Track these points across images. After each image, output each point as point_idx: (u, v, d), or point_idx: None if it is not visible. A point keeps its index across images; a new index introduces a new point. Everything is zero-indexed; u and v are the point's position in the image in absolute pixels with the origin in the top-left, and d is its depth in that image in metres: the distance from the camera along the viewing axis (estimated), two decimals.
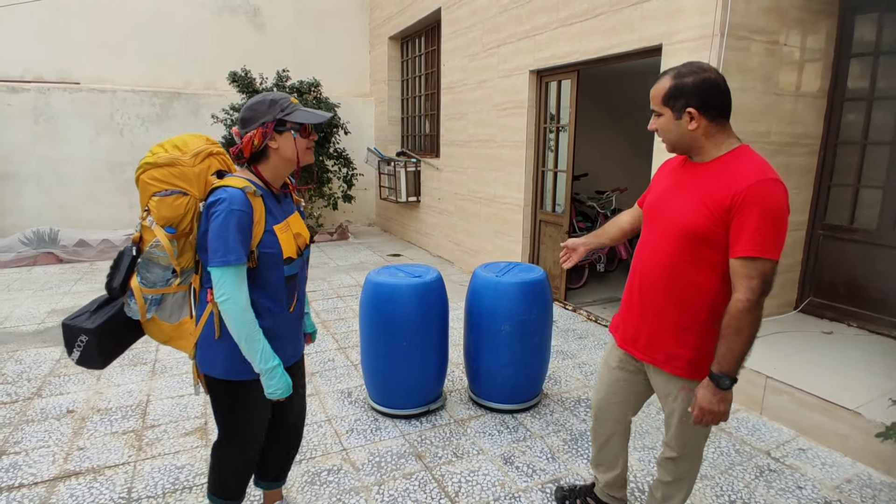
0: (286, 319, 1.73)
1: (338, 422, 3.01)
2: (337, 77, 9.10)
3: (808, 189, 3.93)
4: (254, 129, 1.60)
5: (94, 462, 2.62)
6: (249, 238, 1.55)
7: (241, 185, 1.55)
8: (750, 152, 1.57)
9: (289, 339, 1.77)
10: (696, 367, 1.66)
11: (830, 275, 3.90)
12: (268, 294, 1.66)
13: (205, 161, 1.63)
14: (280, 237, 1.64)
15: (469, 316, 3.08)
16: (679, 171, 1.70)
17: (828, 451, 2.74)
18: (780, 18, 3.46)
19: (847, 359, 3.23)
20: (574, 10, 4.41)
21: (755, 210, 1.44)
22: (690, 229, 1.55)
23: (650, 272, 1.70)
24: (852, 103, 3.75)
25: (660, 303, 1.68)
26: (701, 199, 1.55)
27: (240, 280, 1.55)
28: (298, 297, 1.79)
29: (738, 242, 1.48)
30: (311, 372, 3.65)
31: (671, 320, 1.66)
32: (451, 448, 2.76)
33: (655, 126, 1.64)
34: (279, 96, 1.64)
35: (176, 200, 1.57)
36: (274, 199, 1.68)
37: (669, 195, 1.68)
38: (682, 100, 1.55)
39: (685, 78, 1.54)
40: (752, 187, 1.45)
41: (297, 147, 1.64)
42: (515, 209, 5.45)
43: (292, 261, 1.68)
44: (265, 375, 1.61)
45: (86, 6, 7.57)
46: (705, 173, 1.58)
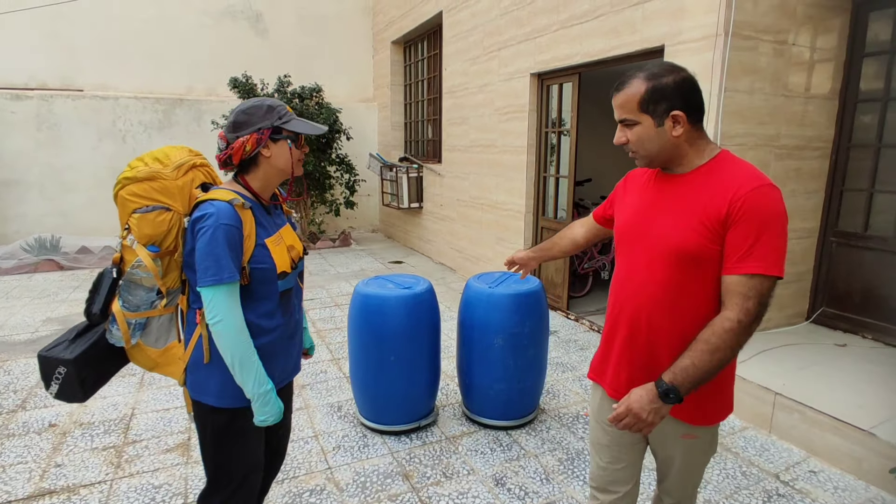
0: (281, 337, 1.63)
1: (325, 438, 2.90)
2: (340, 82, 9.05)
3: (820, 194, 3.76)
4: (247, 134, 1.51)
5: (69, 480, 2.53)
6: (240, 254, 1.46)
7: (229, 198, 1.46)
8: (735, 157, 1.40)
9: (283, 357, 1.67)
10: (701, 410, 1.44)
11: (844, 284, 3.73)
12: (262, 312, 1.56)
13: (188, 174, 1.52)
14: (273, 251, 1.55)
15: (461, 328, 2.96)
16: (654, 186, 1.48)
17: (840, 473, 2.57)
18: (788, 17, 3.31)
19: (862, 373, 3.05)
20: (575, 12, 4.29)
21: (756, 219, 1.27)
22: (685, 250, 1.34)
23: (641, 305, 1.44)
24: (866, 104, 3.58)
25: (656, 338, 1.43)
26: (693, 215, 1.34)
27: (233, 299, 1.46)
28: (293, 311, 1.69)
29: (736, 257, 1.29)
30: (302, 384, 3.55)
31: (671, 357, 1.39)
32: (440, 467, 2.64)
33: (626, 138, 1.40)
34: (276, 103, 1.56)
35: (158, 217, 1.46)
36: (264, 211, 1.60)
37: (650, 214, 1.45)
38: (665, 103, 1.33)
39: (663, 78, 1.33)
40: (752, 194, 1.28)
41: (281, 155, 1.56)
42: (517, 216, 5.32)
43: (286, 275, 1.59)
44: (258, 401, 1.51)
45: (89, 14, 7.59)
46: (691, 185, 1.38)
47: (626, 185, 1.63)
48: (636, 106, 1.36)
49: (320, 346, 4.21)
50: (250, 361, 1.48)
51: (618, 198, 1.64)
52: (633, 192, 1.56)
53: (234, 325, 1.45)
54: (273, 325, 1.59)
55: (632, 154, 1.43)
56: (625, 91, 1.37)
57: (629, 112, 1.37)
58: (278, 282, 1.57)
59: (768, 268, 1.27)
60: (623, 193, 1.61)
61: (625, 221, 1.53)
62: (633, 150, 1.41)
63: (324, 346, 4.21)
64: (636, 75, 1.36)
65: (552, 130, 4.98)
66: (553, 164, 5.06)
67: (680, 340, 1.37)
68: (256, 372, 1.49)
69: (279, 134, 1.54)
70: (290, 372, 1.75)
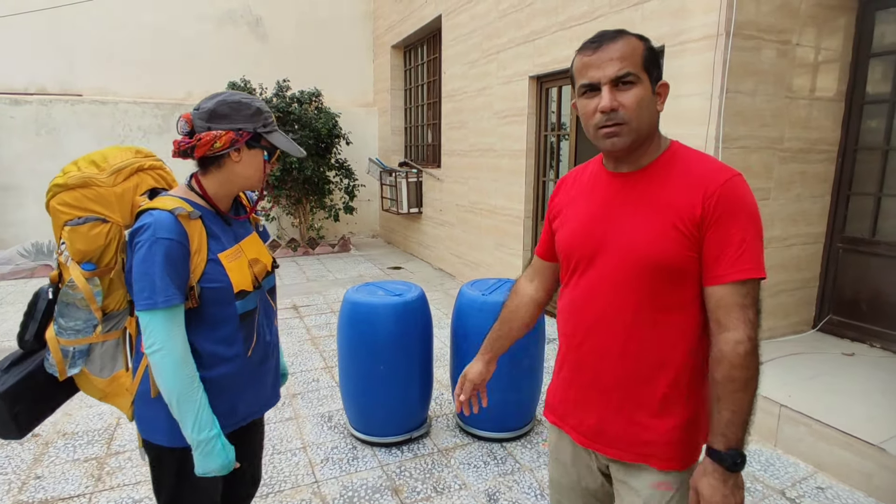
0: (244, 367, 1.41)
1: (313, 450, 2.81)
2: (340, 87, 9.01)
3: (826, 199, 3.65)
4: (223, 129, 1.31)
5: (48, 493, 2.45)
6: (184, 272, 1.27)
7: (171, 207, 1.26)
8: (687, 147, 1.21)
9: (252, 388, 1.46)
10: (675, 449, 1.19)
11: (852, 291, 3.61)
12: (219, 337, 1.35)
13: (130, 179, 1.36)
14: (228, 266, 1.34)
15: (454, 337, 2.86)
16: (604, 188, 1.23)
17: (850, 490, 2.45)
18: (791, 16, 3.22)
19: (871, 384, 2.94)
20: (573, 13, 4.22)
21: (737, 216, 1.09)
22: (661, 262, 1.12)
23: (609, 335, 1.20)
24: (873, 106, 3.48)
25: (632, 372, 1.19)
26: (665, 219, 1.12)
27: (173, 326, 1.25)
28: (260, 336, 1.46)
29: (721, 262, 1.09)
30: (293, 393, 3.46)
31: (649, 394, 1.18)
32: (431, 482, 2.54)
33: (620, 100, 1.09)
34: (265, 108, 1.39)
35: (92, 229, 1.30)
36: (219, 221, 1.40)
37: (608, 222, 1.19)
38: (658, 69, 1.13)
39: (648, 42, 1.14)
40: (725, 188, 1.09)
41: (250, 165, 1.38)
42: (516, 221, 5.23)
43: (247, 294, 1.38)
44: (197, 448, 1.29)
45: (89, 19, 7.58)
46: (651, 182, 1.16)
47: (564, 192, 1.35)
48: (640, 60, 1.10)
49: (314, 354, 4.13)
50: (190, 401, 1.27)
51: (557, 212, 1.35)
52: (577, 197, 1.29)
53: (172, 357, 1.24)
54: (233, 353, 1.38)
55: (614, 129, 1.11)
56: (626, 41, 1.10)
57: (633, 65, 1.09)
58: (236, 302, 1.36)
59: (758, 269, 1.09)
60: (562, 203, 1.33)
61: (573, 233, 1.25)
62: (623, 122, 1.10)
63: (317, 354, 4.13)
64: (621, 32, 1.13)
65: (552, 134, 4.90)
66: (553, 168, 4.97)
67: (661, 372, 1.17)
68: (198, 414, 1.27)
69: (257, 142, 1.37)
70: (263, 404, 1.55)
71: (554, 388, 1.39)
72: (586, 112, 1.14)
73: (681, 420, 1.18)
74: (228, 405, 1.39)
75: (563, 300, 1.32)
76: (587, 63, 1.12)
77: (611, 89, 1.09)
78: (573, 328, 1.28)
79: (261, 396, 1.52)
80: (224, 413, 1.37)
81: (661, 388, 1.17)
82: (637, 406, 1.20)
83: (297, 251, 7.92)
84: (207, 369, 1.34)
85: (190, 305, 1.30)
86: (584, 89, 1.14)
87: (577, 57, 1.16)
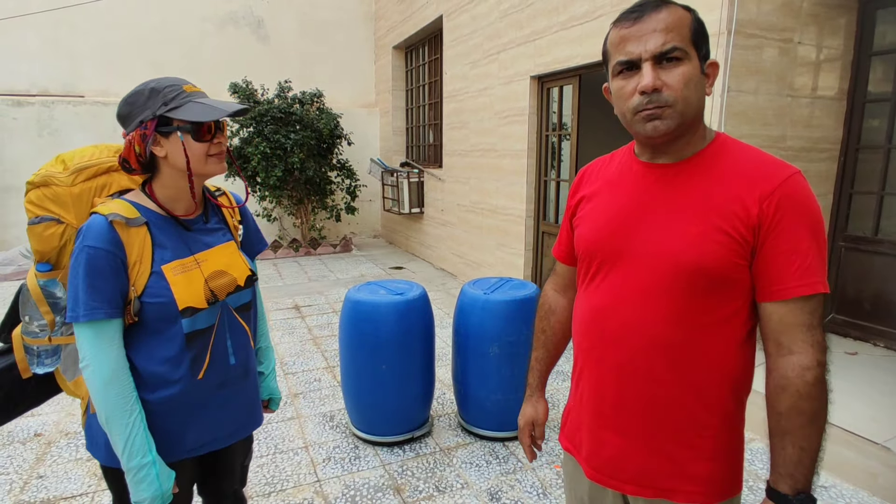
0: (193, 392, 1.27)
1: (315, 449, 2.81)
2: (342, 87, 9.03)
3: (828, 197, 3.65)
4: (132, 130, 1.19)
5: (50, 492, 2.45)
6: (116, 284, 1.15)
7: (108, 211, 1.16)
8: (737, 140, 1.05)
9: (200, 418, 1.30)
10: (710, 487, 1.04)
11: (854, 290, 3.61)
12: (162, 357, 1.23)
13: (96, 179, 1.27)
14: (172, 280, 1.20)
15: (456, 336, 2.86)
16: (635, 180, 1.07)
17: (854, 489, 2.45)
18: (793, 15, 3.22)
19: (874, 383, 2.93)
20: (574, 13, 4.22)
21: (801, 221, 0.93)
22: (703, 269, 0.95)
23: (636, 351, 1.03)
24: (875, 105, 3.48)
25: (652, 392, 1.03)
26: (708, 219, 0.96)
27: (100, 341, 1.15)
28: (217, 359, 1.30)
29: (785, 275, 0.93)
30: (295, 393, 3.46)
31: (680, 420, 1.02)
32: (433, 481, 2.54)
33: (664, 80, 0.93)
34: (164, 83, 1.19)
35: (47, 230, 1.24)
36: (175, 228, 1.26)
37: (638, 220, 1.03)
38: (707, 45, 0.98)
39: (696, 14, 0.98)
40: (787, 186, 0.93)
41: (189, 154, 1.19)
42: (517, 220, 5.23)
43: (196, 311, 1.23)
44: (129, 474, 1.17)
45: (91, 21, 7.60)
46: (692, 176, 1.00)
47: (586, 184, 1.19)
48: (689, 33, 0.94)
49: (315, 354, 4.13)
50: (120, 423, 1.15)
51: (577, 206, 1.19)
52: (601, 190, 1.13)
53: (100, 376, 1.14)
54: (179, 376, 1.24)
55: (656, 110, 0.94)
56: (668, 11, 0.93)
57: (681, 39, 0.92)
58: (182, 320, 1.21)
59: (825, 283, 0.94)
60: (584, 197, 1.18)
61: (595, 230, 1.09)
62: (667, 104, 0.93)
63: (319, 354, 4.13)
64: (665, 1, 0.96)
65: (553, 133, 4.90)
66: (554, 168, 4.97)
67: (694, 395, 1.01)
68: (129, 438, 1.16)
69: (168, 125, 1.18)
70: (230, 433, 1.38)
71: (569, 410, 1.23)
72: (622, 94, 0.98)
73: (715, 451, 1.03)
74: (175, 432, 1.27)
75: (580, 307, 1.16)
76: (625, 36, 0.95)
77: (653, 66, 0.93)
78: (592, 341, 1.10)
79: (221, 424, 1.35)
80: (170, 440, 1.26)
81: (694, 415, 1.02)
82: (664, 434, 1.04)
83: (298, 251, 7.93)
84: (149, 391, 1.23)
85: (128, 321, 1.20)
86: (620, 67, 0.97)
87: (613, 30, 0.99)
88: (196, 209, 1.33)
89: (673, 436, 1.03)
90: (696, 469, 1.03)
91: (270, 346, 1.61)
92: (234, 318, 1.34)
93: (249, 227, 1.50)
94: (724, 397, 1.02)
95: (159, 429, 1.24)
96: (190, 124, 1.18)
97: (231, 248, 1.35)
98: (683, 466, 1.04)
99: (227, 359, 1.32)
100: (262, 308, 1.57)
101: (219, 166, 1.26)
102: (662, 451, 1.05)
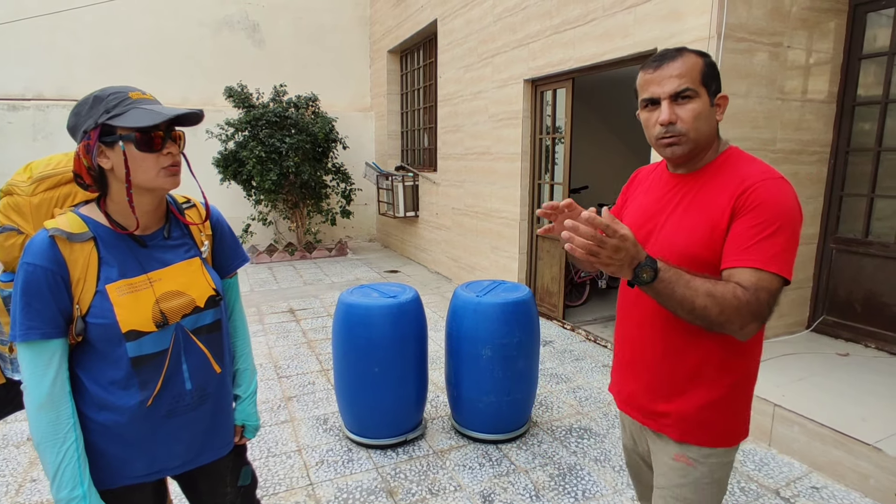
0: (141, 419, 1.18)
1: (308, 452, 2.80)
2: (337, 91, 9.04)
3: (819, 200, 3.67)
4: (78, 142, 1.13)
5: (44, 496, 2.44)
6: (56, 303, 1.08)
7: (52, 226, 1.10)
8: (742, 152, 1.28)
9: (149, 446, 1.20)
10: (697, 423, 1.27)
11: (845, 291, 3.63)
12: (107, 381, 1.15)
13: (57, 189, 1.23)
14: (117, 301, 1.12)
15: (449, 339, 2.87)
16: (661, 184, 1.35)
17: (845, 490, 2.46)
18: (782, 19, 3.25)
19: (865, 384, 2.95)
20: (567, 17, 4.24)
21: (765, 212, 1.12)
22: (691, 252, 1.19)
23: (646, 317, 1.31)
24: (864, 108, 3.51)
25: (657, 350, 1.30)
26: (700, 213, 1.21)
27: (38, 363, 1.08)
28: (171, 385, 1.21)
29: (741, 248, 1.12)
30: (289, 396, 3.46)
31: (675, 366, 1.29)
32: (426, 483, 2.54)
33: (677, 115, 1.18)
34: (108, 90, 1.12)
35: (7, 240, 1.21)
36: (128, 244, 1.17)
37: (657, 215, 1.31)
38: (716, 83, 1.22)
39: (707, 58, 1.22)
40: (760, 186, 1.14)
41: (135, 166, 1.10)
42: (511, 224, 5.24)
43: (143, 335, 1.14)
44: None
45: (86, 25, 7.60)
46: (698, 181, 1.26)
47: (636, 184, 1.48)
48: (699, 76, 1.19)
49: (310, 357, 4.12)
50: (52, 452, 1.08)
51: (623, 202, 1.50)
52: (640, 191, 1.43)
53: (33, 399, 1.08)
54: (122, 403, 1.15)
55: (673, 139, 1.20)
56: (685, 60, 1.19)
57: (692, 81, 1.18)
58: (126, 344, 1.13)
59: (779, 266, 1.10)
60: (630, 195, 1.48)
61: (630, 223, 1.36)
62: (681, 133, 1.19)
63: (313, 357, 4.12)
64: (685, 49, 1.22)
65: (547, 137, 4.92)
66: (548, 172, 4.99)
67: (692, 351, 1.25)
68: (60, 468, 1.08)
69: (112, 135, 1.09)
70: (181, 464, 1.27)
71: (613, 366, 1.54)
72: (648, 125, 1.25)
73: (705, 399, 1.25)
74: (119, 458, 1.19)
75: (620, 289, 1.47)
76: (649, 80, 1.22)
77: (670, 104, 1.19)
78: (620, 310, 1.42)
79: (171, 455, 1.25)
80: (113, 466, 1.19)
81: (690, 365, 1.26)
82: (665, 379, 1.30)
83: (294, 255, 7.92)
84: (95, 410, 1.16)
85: (71, 341, 1.13)
86: (645, 103, 1.25)
87: (640, 74, 1.27)
88: (155, 223, 1.23)
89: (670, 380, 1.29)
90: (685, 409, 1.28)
91: (251, 367, 1.49)
92: (191, 341, 1.23)
93: (225, 241, 1.40)
94: (718, 357, 1.24)
95: (103, 453, 1.17)
96: (132, 132, 1.09)
97: (194, 266, 1.26)
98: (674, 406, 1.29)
99: (181, 385, 1.22)
100: (244, 328, 1.49)
101: (170, 180, 1.16)
102: (660, 391, 1.32)
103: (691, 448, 1.28)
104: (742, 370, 1.27)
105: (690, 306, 1.08)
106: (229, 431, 1.39)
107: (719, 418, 1.27)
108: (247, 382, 1.47)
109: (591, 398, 3.42)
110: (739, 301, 1.07)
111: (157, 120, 1.08)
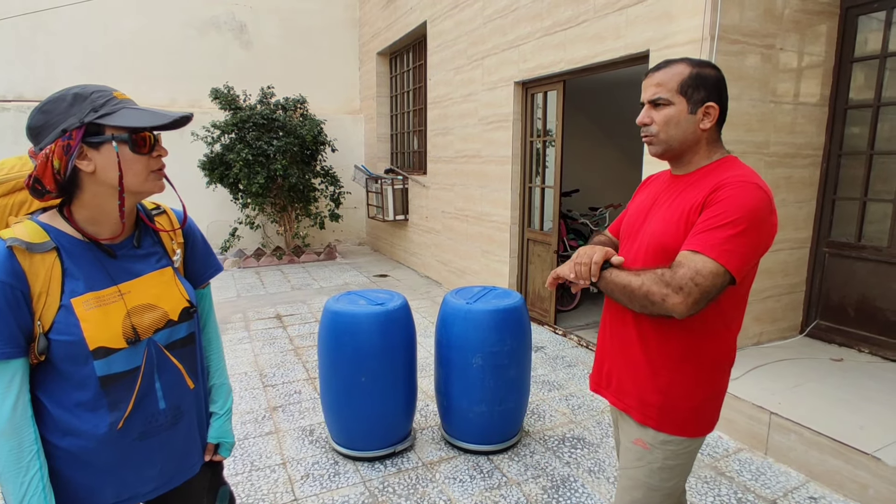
0: (110, 445, 1.10)
1: (293, 465, 2.71)
2: (326, 94, 8.94)
3: (812, 203, 3.64)
4: (49, 142, 1.01)
5: None
6: (11, 320, 1.00)
7: (9, 236, 1.02)
8: (739, 162, 1.36)
9: (119, 471, 1.13)
10: (655, 407, 1.37)
11: (839, 296, 3.60)
12: (72, 403, 1.07)
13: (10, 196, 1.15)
14: (83, 315, 1.04)
15: (438, 347, 2.78)
16: (659, 184, 1.49)
17: (844, 500, 2.40)
18: (775, 21, 3.22)
19: (860, 390, 2.91)
20: (558, 18, 4.19)
21: (724, 206, 1.22)
22: (663, 244, 1.32)
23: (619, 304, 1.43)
24: (856, 111, 3.49)
25: (629, 337, 1.41)
26: (679, 210, 1.32)
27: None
28: (143, 405, 1.13)
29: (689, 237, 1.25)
30: (274, 406, 3.35)
31: (642, 359, 1.39)
32: (415, 498, 2.45)
33: (650, 119, 1.34)
34: (90, 88, 1.04)
35: None
36: (95, 254, 1.09)
37: (646, 211, 1.44)
38: (703, 92, 1.31)
39: (706, 69, 1.32)
40: (731, 186, 1.24)
41: (126, 168, 1.04)
42: (502, 227, 5.18)
43: (111, 352, 1.07)
44: None
45: (70, 25, 7.45)
46: (686, 183, 1.37)
47: (640, 189, 1.61)
48: (676, 86, 1.31)
49: (297, 365, 4.02)
50: (14, 482, 1.01)
51: (631, 202, 1.61)
52: (643, 193, 1.54)
53: None
54: (92, 426, 1.07)
55: (648, 138, 1.36)
56: (666, 70, 1.33)
57: (667, 91, 1.31)
58: (94, 362, 1.05)
59: (718, 254, 1.18)
60: (634, 198, 1.59)
61: (626, 219, 1.53)
62: (652, 134, 1.34)
63: (300, 365, 4.02)
64: (679, 60, 1.34)
65: (537, 139, 4.86)
66: (539, 175, 4.93)
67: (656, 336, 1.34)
68: (23, 500, 1.01)
69: (100, 135, 1.02)
70: (153, 489, 1.19)
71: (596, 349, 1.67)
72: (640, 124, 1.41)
73: (666, 384, 1.34)
74: (85, 487, 1.11)
75: None
76: (643, 86, 1.39)
77: (648, 108, 1.35)
78: (606, 304, 1.51)
79: (143, 480, 1.17)
80: (80, 495, 1.11)
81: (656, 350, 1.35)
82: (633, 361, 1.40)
83: (282, 259, 7.80)
84: (59, 436, 1.07)
85: (33, 360, 1.04)
86: (641, 105, 1.40)
87: None
88: (123, 232, 1.15)
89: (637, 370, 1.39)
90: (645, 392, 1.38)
91: (227, 383, 1.42)
92: (164, 357, 1.16)
93: (197, 249, 1.32)
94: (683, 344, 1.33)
95: (69, 481, 1.09)
96: (127, 133, 1.03)
97: (166, 276, 1.18)
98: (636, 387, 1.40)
99: (155, 404, 1.15)
100: (218, 340, 1.41)
101: (159, 184, 1.12)
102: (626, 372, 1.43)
103: (649, 432, 1.38)
104: (707, 361, 1.34)
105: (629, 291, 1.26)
106: (200, 450, 1.32)
107: (679, 406, 1.35)
108: (223, 399, 1.39)
109: (584, 406, 3.35)
110: (656, 274, 1.23)
111: (158, 122, 1.03)
